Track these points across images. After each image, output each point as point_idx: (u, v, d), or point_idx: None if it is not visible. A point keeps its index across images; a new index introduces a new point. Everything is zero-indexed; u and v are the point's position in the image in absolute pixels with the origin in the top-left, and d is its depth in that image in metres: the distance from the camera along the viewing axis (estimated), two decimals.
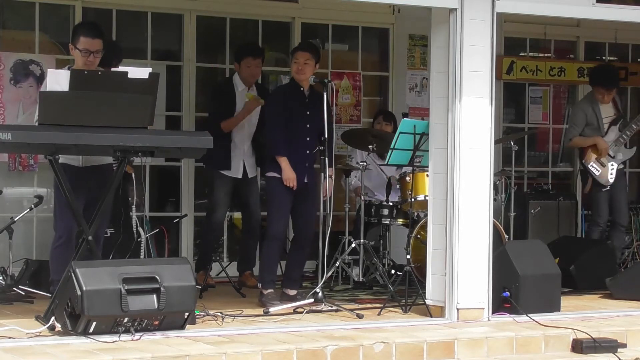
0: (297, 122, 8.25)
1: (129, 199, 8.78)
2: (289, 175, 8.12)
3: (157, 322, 6.72)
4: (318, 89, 8.33)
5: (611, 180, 10.04)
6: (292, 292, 8.35)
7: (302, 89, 8.34)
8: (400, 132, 8.30)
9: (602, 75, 10.14)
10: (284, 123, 8.19)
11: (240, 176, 9.37)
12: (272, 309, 7.80)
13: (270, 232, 8.24)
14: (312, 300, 7.89)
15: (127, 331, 6.60)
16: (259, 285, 8.23)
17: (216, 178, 9.37)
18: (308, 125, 8.30)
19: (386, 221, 9.58)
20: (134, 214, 8.80)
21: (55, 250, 7.65)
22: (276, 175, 8.17)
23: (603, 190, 10.09)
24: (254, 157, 9.46)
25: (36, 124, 7.49)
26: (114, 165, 7.69)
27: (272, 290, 8.16)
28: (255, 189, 9.59)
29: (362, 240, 9.36)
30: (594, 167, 10.10)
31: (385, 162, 8.71)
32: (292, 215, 8.34)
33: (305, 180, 8.27)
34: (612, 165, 10.04)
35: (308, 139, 8.31)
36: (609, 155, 10.01)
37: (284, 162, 8.14)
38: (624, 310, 8.31)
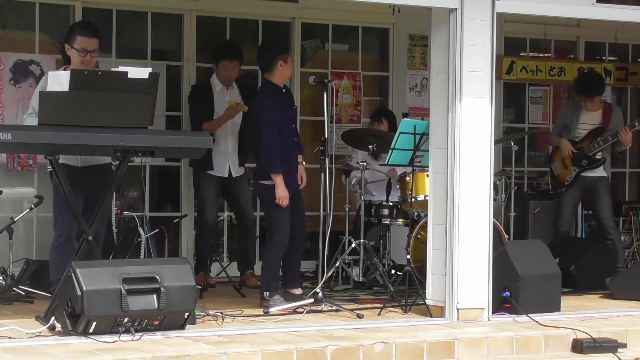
0: (286, 126, 8.17)
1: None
2: (283, 194, 7.97)
3: (157, 322, 6.72)
4: (318, 89, 8.33)
5: (567, 182, 10.16)
6: (298, 292, 8.31)
7: (283, 90, 8.25)
8: (400, 132, 8.30)
9: (583, 84, 10.22)
10: (280, 134, 8.05)
11: (226, 175, 9.37)
12: (272, 309, 7.80)
13: (277, 240, 8.08)
14: (312, 300, 7.89)
15: (127, 331, 6.60)
16: (266, 294, 8.08)
17: (202, 179, 9.40)
18: (293, 125, 8.29)
19: (386, 221, 9.57)
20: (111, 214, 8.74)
21: (54, 250, 7.65)
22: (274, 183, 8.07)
23: (559, 190, 10.34)
24: (239, 157, 9.45)
25: (25, 122, 7.51)
26: (113, 164, 7.71)
27: (277, 296, 8.13)
28: (244, 187, 9.56)
29: (362, 240, 9.36)
30: (555, 166, 10.31)
31: (386, 162, 8.70)
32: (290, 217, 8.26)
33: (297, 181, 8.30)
34: (574, 169, 10.11)
35: (295, 139, 8.28)
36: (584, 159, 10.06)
37: (279, 179, 7.98)
38: (624, 310, 8.31)
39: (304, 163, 8.42)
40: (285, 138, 8.14)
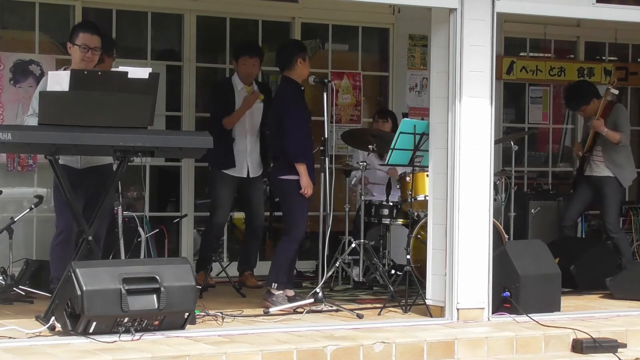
0: (307, 123, 8.29)
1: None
2: (307, 183, 8.08)
3: (157, 322, 6.72)
4: (318, 88, 8.35)
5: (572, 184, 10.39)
6: (291, 293, 8.32)
7: (302, 88, 8.35)
8: (400, 132, 8.30)
9: (564, 99, 10.44)
10: (305, 127, 8.20)
11: (244, 175, 9.35)
12: (272, 309, 7.81)
13: (294, 235, 8.13)
14: (312, 300, 7.89)
15: (127, 331, 6.60)
16: (274, 285, 8.09)
17: (218, 178, 9.34)
18: (309, 125, 8.34)
19: (386, 221, 9.57)
20: (120, 214, 8.71)
21: (55, 247, 7.65)
22: (297, 178, 8.10)
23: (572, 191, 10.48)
24: (259, 157, 9.44)
25: (25, 123, 7.50)
26: (113, 165, 7.71)
27: (282, 292, 8.13)
28: (259, 189, 9.54)
29: (362, 240, 9.36)
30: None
31: (386, 162, 8.71)
32: None
33: None
34: (575, 170, 10.38)
35: (312, 137, 8.34)
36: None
37: (303, 168, 8.08)
38: (624, 310, 8.32)
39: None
40: (308, 135, 8.24)
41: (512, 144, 10.15)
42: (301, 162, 8.09)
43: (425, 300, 7.84)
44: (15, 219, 8.80)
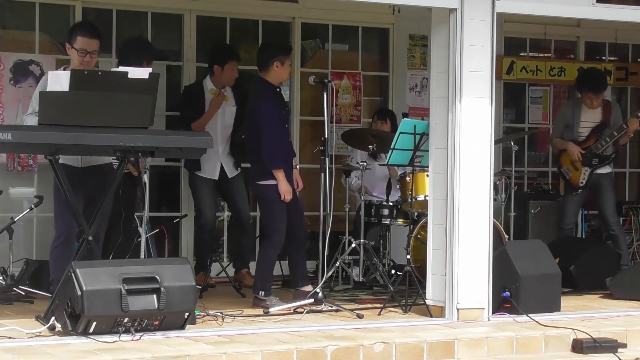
0: (283, 125, 8.25)
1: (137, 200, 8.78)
2: (286, 189, 8.06)
3: (157, 322, 6.72)
4: (318, 89, 8.35)
5: (581, 184, 10.14)
6: (310, 288, 8.27)
7: (278, 89, 8.31)
8: (401, 132, 8.30)
9: (590, 80, 10.23)
10: (281, 130, 8.15)
11: (216, 178, 9.37)
12: (272, 309, 7.80)
13: (274, 240, 8.13)
14: (312, 300, 7.89)
15: (127, 331, 6.61)
16: (261, 293, 8.10)
17: (195, 180, 9.42)
18: (286, 126, 8.32)
19: (386, 221, 9.57)
20: (145, 214, 8.73)
21: (55, 250, 7.65)
22: (275, 183, 8.09)
23: (573, 193, 10.23)
24: (233, 158, 9.45)
25: (25, 123, 7.50)
26: (114, 164, 7.70)
27: (272, 296, 8.13)
28: (240, 187, 9.55)
29: (362, 240, 9.36)
30: (565, 171, 10.27)
31: (386, 162, 8.71)
32: (287, 215, 8.27)
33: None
34: (585, 170, 10.12)
35: (290, 139, 8.33)
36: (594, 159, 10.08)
37: (281, 174, 8.05)
38: (624, 310, 8.32)
39: (298, 167, 8.41)
40: (284, 138, 8.19)
41: (512, 144, 10.16)
42: (277, 167, 8.05)
43: (425, 300, 7.84)
44: (15, 219, 8.80)
